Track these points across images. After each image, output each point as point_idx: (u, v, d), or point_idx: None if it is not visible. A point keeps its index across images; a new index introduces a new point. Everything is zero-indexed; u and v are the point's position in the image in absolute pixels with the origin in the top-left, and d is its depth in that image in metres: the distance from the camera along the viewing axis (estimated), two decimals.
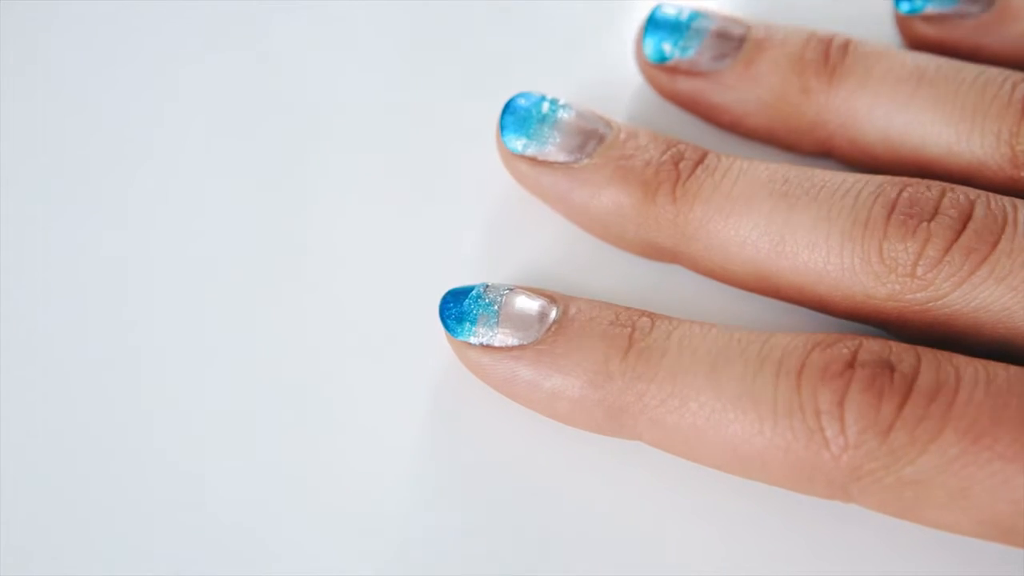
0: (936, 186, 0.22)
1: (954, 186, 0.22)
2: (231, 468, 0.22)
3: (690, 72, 0.26)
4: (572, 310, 0.22)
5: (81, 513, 0.22)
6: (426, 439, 0.23)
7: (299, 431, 0.23)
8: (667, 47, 0.26)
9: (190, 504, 0.22)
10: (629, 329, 0.21)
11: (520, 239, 0.25)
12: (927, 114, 0.24)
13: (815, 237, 0.22)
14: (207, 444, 0.23)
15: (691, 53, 0.26)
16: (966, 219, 0.21)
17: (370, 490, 0.22)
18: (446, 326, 0.22)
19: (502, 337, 0.22)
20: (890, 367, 0.20)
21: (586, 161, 0.24)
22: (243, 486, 0.22)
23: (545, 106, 0.24)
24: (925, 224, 0.21)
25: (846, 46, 0.25)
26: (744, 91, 0.25)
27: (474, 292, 0.22)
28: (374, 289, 0.24)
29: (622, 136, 0.24)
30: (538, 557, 0.21)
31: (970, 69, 0.24)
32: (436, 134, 0.26)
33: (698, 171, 0.23)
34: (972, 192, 0.22)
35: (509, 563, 0.21)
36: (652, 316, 0.22)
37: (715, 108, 0.26)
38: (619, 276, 0.24)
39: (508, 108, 0.24)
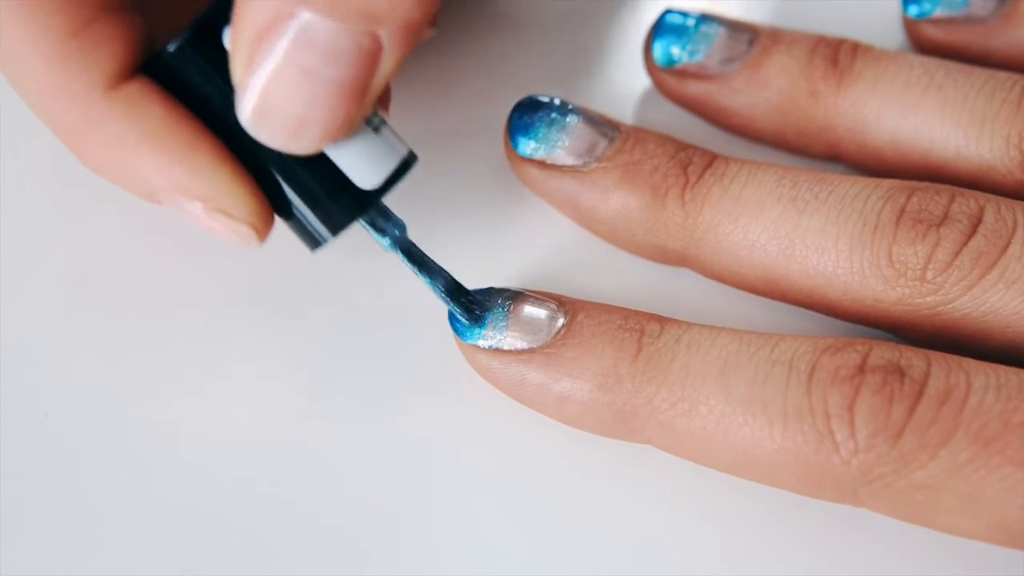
0: (946, 191, 0.22)
1: (964, 190, 0.22)
2: (236, 467, 0.22)
3: (698, 76, 0.26)
4: (581, 314, 0.22)
5: (90, 513, 0.22)
6: (434, 442, 0.23)
7: (305, 432, 0.23)
8: (675, 51, 0.26)
9: (198, 503, 0.22)
10: (638, 333, 0.21)
11: (529, 243, 0.25)
12: (936, 118, 0.24)
13: (824, 241, 0.22)
14: (215, 440, 0.23)
15: (699, 57, 0.26)
16: (976, 224, 0.21)
17: (375, 491, 0.22)
18: (455, 330, 0.22)
19: (511, 341, 0.22)
20: (900, 371, 0.19)
21: (595, 165, 0.24)
22: (248, 486, 0.22)
23: (554, 110, 0.24)
24: (935, 229, 0.21)
25: (855, 50, 0.25)
26: (752, 95, 0.25)
27: (482, 296, 0.22)
28: (383, 292, 0.24)
29: (631, 140, 0.24)
30: (544, 559, 0.21)
31: (979, 73, 0.24)
32: (444, 137, 0.26)
33: (706, 175, 0.23)
34: (982, 197, 0.22)
35: (516, 564, 0.21)
36: (661, 320, 0.22)
37: (723, 111, 0.26)
38: (628, 280, 0.24)
39: (517, 111, 0.24)
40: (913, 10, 0.27)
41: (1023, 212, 0.21)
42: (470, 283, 0.23)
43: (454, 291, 0.22)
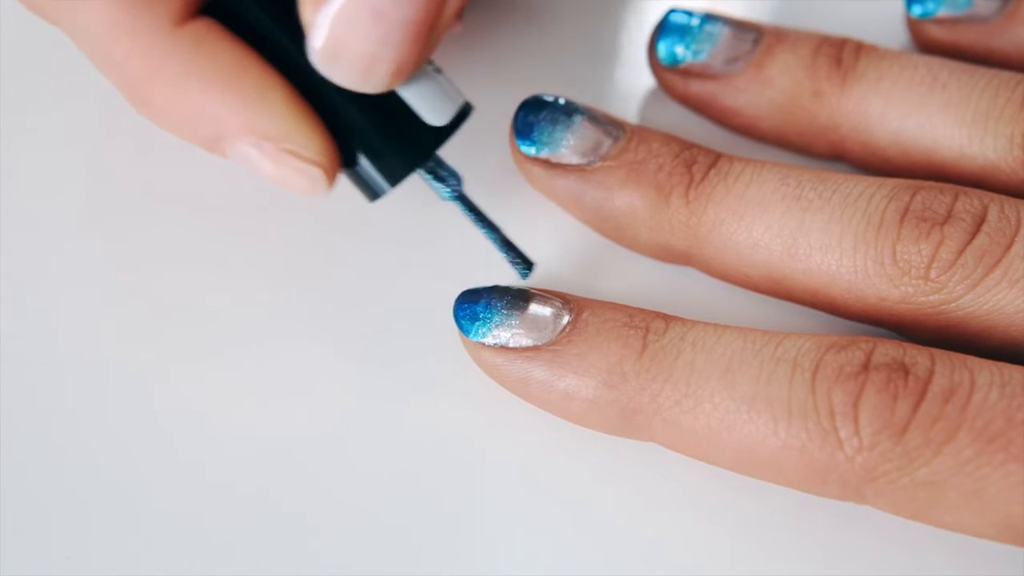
0: (949, 189, 0.22)
1: (967, 189, 0.22)
2: (240, 468, 0.22)
3: (702, 75, 0.26)
4: (586, 312, 0.22)
5: (93, 515, 0.22)
6: (438, 439, 0.23)
7: (308, 432, 0.23)
8: (679, 50, 0.26)
9: (200, 505, 0.22)
10: (643, 330, 0.21)
11: (533, 242, 0.25)
12: (939, 117, 0.24)
13: (828, 239, 0.22)
14: (218, 441, 0.23)
15: (703, 56, 0.26)
16: (979, 222, 0.21)
17: (380, 491, 0.22)
18: (460, 326, 0.22)
19: (516, 338, 0.22)
20: (904, 369, 0.20)
21: (599, 164, 0.24)
22: (251, 487, 0.22)
23: (559, 109, 0.24)
24: (938, 227, 0.21)
25: (858, 50, 0.25)
26: (756, 94, 0.25)
27: (488, 293, 0.22)
28: (388, 290, 0.25)
29: (635, 139, 0.24)
30: (549, 557, 0.21)
31: (982, 73, 0.24)
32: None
33: (711, 174, 0.23)
34: (986, 195, 0.22)
35: (520, 562, 0.21)
36: (666, 318, 0.22)
37: (727, 111, 0.26)
38: (632, 278, 0.24)
39: (522, 110, 0.24)
40: (917, 10, 0.27)
41: None
42: (475, 282, 0.23)
43: (509, 243, 0.23)
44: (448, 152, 0.22)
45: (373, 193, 0.21)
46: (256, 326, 0.24)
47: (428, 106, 0.20)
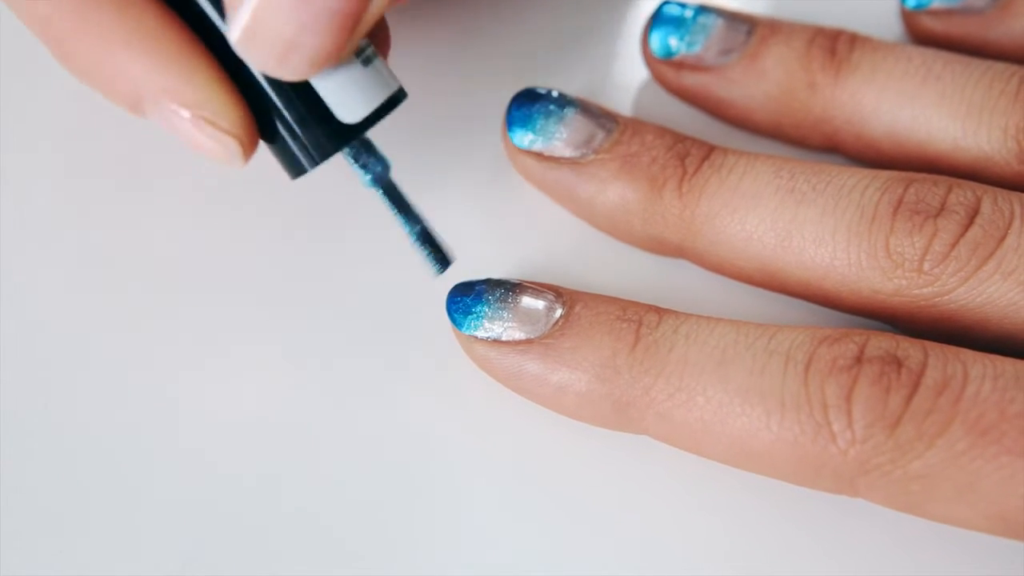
0: (943, 182, 0.22)
1: (961, 181, 0.22)
2: (237, 462, 0.22)
3: (696, 67, 0.26)
4: (579, 305, 0.22)
5: (88, 510, 0.22)
6: (431, 432, 0.23)
7: (303, 426, 0.23)
8: (673, 42, 0.26)
9: (195, 499, 0.22)
10: (636, 324, 0.21)
11: (526, 234, 0.25)
12: (933, 109, 0.24)
13: (821, 232, 0.22)
14: (214, 435, 0.23)
15: (697, 48, 0.26)
16: (973, 215, 0.21)
17: (373, 484, 0.22)
18: (453, 320, 0.22)
19: (509, 331, 0.22)
20: (897, 362, 0.20)
21: (592, 156, 0.24)
22: (248, 482, 0.22)
23: (552, 102, 0.24)
24: (932, 220, 0.21)
25: (852, 41, 0.25)
26: (750, 86, 0.25)
27: (480, 286, 0.22)
28: (381, 283, 0.24)
29: (628, 131, 0.24)
30: (542, 550, 0.21)
31: (976, 64, 0.24)
32: (442, 129, 0.26)
33: (704, 166, 0.23)
34: (979, 188, 0.22)
35: (515, 556, 0.21)
36: (659, 311, 0.22)
37: (721, 103, 0.26)
38: (625, 271, 0.24)
39: (515, 103, 0.24)
40: (911, 1, 0.27)
41: (1020, 203, 0.21)
42: (468, 275, 0.23)
43: (427, 238, 0.22)
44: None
45: (293, 171, 0.21)
46: (251, 319, 0.24)
47: (343, 101, 0.20)
